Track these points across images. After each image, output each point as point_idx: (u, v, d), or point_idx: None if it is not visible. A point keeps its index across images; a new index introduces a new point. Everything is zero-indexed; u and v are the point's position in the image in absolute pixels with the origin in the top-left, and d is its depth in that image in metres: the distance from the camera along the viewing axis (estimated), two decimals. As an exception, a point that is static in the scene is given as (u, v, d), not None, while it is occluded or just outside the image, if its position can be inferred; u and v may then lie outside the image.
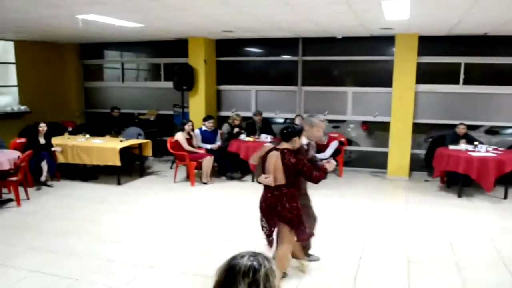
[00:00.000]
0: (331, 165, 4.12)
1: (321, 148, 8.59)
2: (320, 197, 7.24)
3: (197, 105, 9.78)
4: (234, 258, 1.84)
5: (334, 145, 8.45)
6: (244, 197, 7.33)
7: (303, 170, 3.87)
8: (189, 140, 8.31)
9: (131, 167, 8.65)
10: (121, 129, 9.36)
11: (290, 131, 3.92)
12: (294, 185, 3.96)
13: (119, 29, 7.71)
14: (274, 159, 3.89)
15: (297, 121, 8.67)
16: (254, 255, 1.84)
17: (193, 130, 8.47)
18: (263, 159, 4.02)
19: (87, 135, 8.68)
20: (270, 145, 4.13)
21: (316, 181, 3.93)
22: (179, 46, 9.97)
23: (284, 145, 3.92)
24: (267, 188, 4.02)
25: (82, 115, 11.51)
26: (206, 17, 6.83)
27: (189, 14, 6.60)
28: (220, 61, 10.23)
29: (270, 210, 4.01)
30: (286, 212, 3.93)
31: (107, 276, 4.30)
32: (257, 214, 4.18)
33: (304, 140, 4.20)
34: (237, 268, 1.78)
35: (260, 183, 4.08)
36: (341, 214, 6.50)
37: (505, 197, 7.35)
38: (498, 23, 6.97)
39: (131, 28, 7.77)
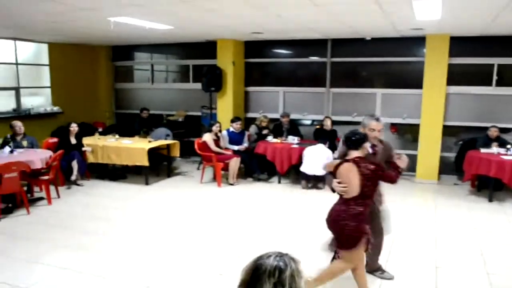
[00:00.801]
0: (403, 161, 3.86)
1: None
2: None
3: (225, 107, 9.85)
4: (260, 258, 1.85)
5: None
6: (270, 198, 7.36)
7: (384, 175, 3.67)
8: (217, 141, 8.37)
9: (158, 167, 8.77)
10: (150, 130, 9.49)
11: (358, 137, 3.67)
12: (369, 197, 3.66)
13: (149, 31, 7.83)
14: (347, 172, 3.61)
15: (328, 123, 8.66)
16: (281, 255, 1.85)
17: (220, 131, 8.53)
18: (333, 174, 3.74)
19: (117, 136, 8.85)
20: (337, 161, 3.82)
21: (395, 181, 3.74)
22: (208, 47, 10.06)
23: (354, 154, 3.65)
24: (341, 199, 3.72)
25: (112, 116, 11.74)
26: (235, 18, 6.88)
27: (218, 16, 6.65)
28: (248, 63, 10.27)
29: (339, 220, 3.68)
30: (348, 231, 3.61)
31: (134, 274, 4.38)
32: (284, 214, 4.13)
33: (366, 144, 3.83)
34: (263, 268, 1.79)
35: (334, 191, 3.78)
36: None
37: (539, 202, 7.15)
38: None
39: (161, 30, 7.88)
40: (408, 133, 9.30)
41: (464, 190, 8.02)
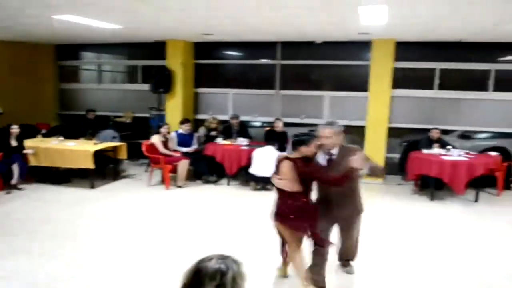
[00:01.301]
0: (353, 160, 3.65)
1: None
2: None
3: (174, 108, 9.73)
4: (202, 261, 1.83)
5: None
6: (219, 200, 7.33)
7: (317, 177, 3.90)
8: (165, 143, 8.25)
9: (105, 170, 8.54)
10: (96, 132, 9.24)
11: (297, 139, 3.90)
12: (306, 194, 3.89)
13: (96, 30, 7.64)
14: (285, 167, 3.83)
15: (279, 124, 8.71)
16: (223, 258, 1.83)
17: (169, 133, 8.41)
18: (276, 167, 3.99)
19: (61, 138, 8.54)
20: (284, 154, 4.18)
21: (334, 183, 3.81)
22: (157, 48, 9.91)
23: (295, 154, 3.89)
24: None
25: (56, 117, 11.34)
26: (185, 19, 6.81)
27: (168, 16, 6.57)
28: (198, 64, 10.19)
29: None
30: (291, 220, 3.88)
31: (79, 279, 4.23)
32: (233, 216, 4.13)
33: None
34: (204, 271, 1.77)
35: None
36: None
37: (476, 200, 7.48)
38: (473, 30, 7.10)
39: (109, 30, 7.70)
40: (355, 135, 9.50)
41: (407, 190, 8.29)
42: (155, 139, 8.16)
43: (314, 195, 4.05)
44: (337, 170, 3.82)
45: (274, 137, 8.38)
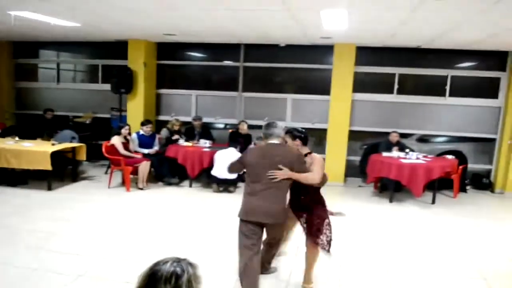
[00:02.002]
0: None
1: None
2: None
3: (136, 109, 9.58)
4: (156, 264, 1.81)
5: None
6: (181, 202, 7.26)
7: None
8: (126, 144, 8.10)
9: (63, 172, 8.32)
10: (54, 132, 8.99)
11: (306, 135, 4.11)
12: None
13: (54, 27, 7.44)
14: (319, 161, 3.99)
15: (244, 127, 8.73)
16: (178, 260, 1.82)
17: (130, 134, 8.27)
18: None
19: (17, 138, 8.27)
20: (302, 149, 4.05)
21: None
22: (118, 47, 9.74)
23: (307, 149, 4.08)
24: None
25: (12, 116, 10.96)
26: (147, 18, 6.73)
27: (130, 16, 6.47)
28: (160, 64, 10.08)
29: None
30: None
31: (33, 285, 4.09)
32: (194, 218, 4.08)
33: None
34: (158, 274, 1.75)
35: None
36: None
37: (433, 202, 7.70)
38: (430, 37, 7.32)
39: (68, 27, 7.51)
40: (317, 138, 9.61)
41: (367, 192, 8.45)
42: (115, 140, 8.00)
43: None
44: None
45: (238, 139, 8.39)
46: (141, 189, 7.90)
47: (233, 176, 7.77)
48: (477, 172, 9.14)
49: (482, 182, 8.94)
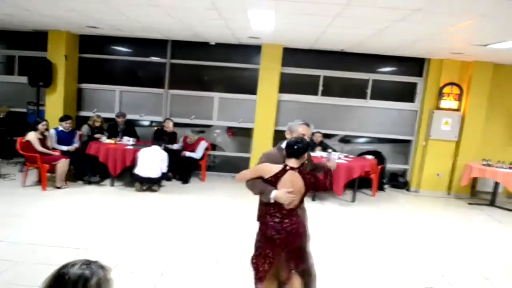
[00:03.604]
0: (331, 162, 3.61)
1: (190, 148, 8.59)
2: (186, 201, 7.25)
3: (55, 104, 9.12)
4: (64, 266, 1.74)
5: (203, 145, 8.61)
6: (102, 202, 6.99)
7: (321, 184, 3.51)
8: (43, 141, 7.67)
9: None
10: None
11: (301, 146, 3.37)
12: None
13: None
14: (294, 179, 3.35)
15: (169, 125, 8.60)
16: (88, 263, 1.76)
17: (47, 130, 7.84)
18: (274, 181, 3.37)
19: None
20: (270, 165, 3.44)
21: (331, 189, 3.65)
22: (38, 38, 9.22)
23: (297, 163, 3.38)
24: (284, 211, 3.39)
25: None
26: (70, 10, 6.41)
27: (50, 5, 6.14)
28: (83, 58, 9.66)
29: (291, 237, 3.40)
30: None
31: None
32: (116, 218, 3.86)
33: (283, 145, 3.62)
34: (66, 277, 1.68)
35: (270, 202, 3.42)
36: (204, 216, 6.51)
37: (353, 200, 8.01)
38: (352, 42, 7.59)
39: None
40: (243, 136, 9.66)
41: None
42: (31, 136, 7.55)
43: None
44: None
45: (162, 137, 8.24)
46: (59, 188, 7.52)
47: (157, 174, 7.64)
48: (394, 171, 9.62)
49: (399, 181, 9.42)
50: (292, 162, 3.38)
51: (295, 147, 3.37)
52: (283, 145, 3.61)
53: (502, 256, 5.76)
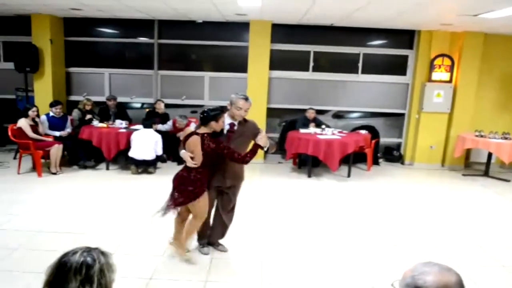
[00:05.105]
0: (261, 138, 4.00)
1: (180, 131, 8.53)
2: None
3: (43, 89, 8.98)
4: (65, 255, 1.73)
5: (192, 127, 8.48)
6: (98, 186, 6.95)
7: (224, 153, 3.91)
8: (34, 127, 7.58)
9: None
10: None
11: (206, 115, 3.92)
12: (207, 167, 4.00)
13: None
14: (194, 145, 3.92)
15: (161, 106, 8.55)
16: (88, 250, 1.75)
17: (38, 116, 7.74)
18: (183, 142, 4.06)
19: None
20: (191, 129, 4.15)
21: (241, 161, 3.96)
22: (21, 23, 9.01)
23: (203, 130, 3.94)
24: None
25: None
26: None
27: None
28: (69, 41, 9.48)
29: (181, 184, 4.03)
30: (191, 193, 3.97)
31: None
32: (114, 202, 3.92)
33: (227, 120, 4.12)
34: (68, 265, 1.66)
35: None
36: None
37: (349, 175, 8.05)
38: (340, 16, 7.50)
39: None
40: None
41: (287, 168, 8.65)
42: (22, 123, 7.46)
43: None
44: (238, 142, 4.10)
45: (153, 119, 8.18)
46: (55, 173, 7.47)
47: (152, 156, 7.61)
48: (389, 145, 9.67)
49: (393, 155, 9.47)
50: (201, 129, 3.95)
51: (201, 115, 3.97)
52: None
53: (498, 225, 5.85)
